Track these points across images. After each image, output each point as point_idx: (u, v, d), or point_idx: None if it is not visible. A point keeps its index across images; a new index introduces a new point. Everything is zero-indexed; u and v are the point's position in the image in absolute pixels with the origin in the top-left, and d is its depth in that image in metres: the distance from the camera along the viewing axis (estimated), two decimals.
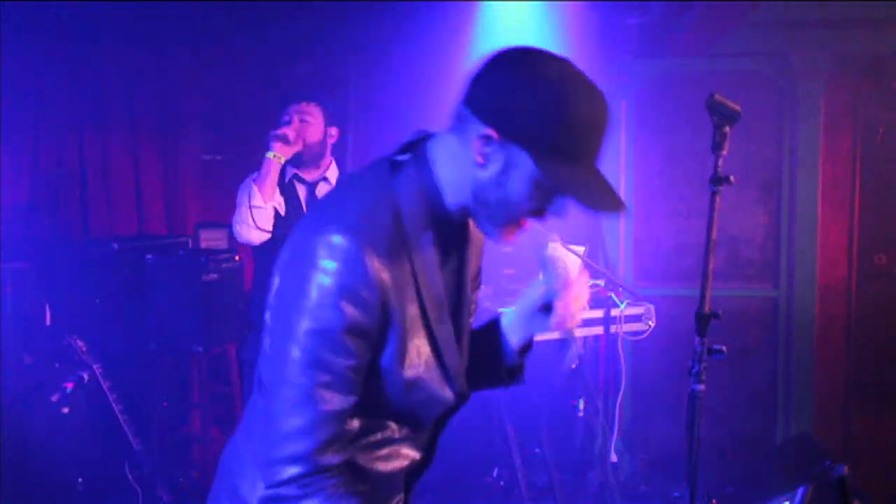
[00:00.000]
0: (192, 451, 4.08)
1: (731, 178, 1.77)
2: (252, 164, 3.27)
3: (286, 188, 3.21)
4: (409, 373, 1.28)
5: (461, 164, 1.28)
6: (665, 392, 4.53)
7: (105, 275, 4.04)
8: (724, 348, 1.75)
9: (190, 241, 4.57)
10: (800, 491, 2.92)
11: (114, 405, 3.57)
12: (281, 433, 1.22)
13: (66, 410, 3.56)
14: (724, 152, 1.78)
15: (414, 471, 1.43)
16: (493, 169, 1.24)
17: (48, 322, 4.08)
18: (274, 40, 4.92)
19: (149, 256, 3.87)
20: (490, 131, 1.22)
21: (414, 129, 1.40)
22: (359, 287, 1.19)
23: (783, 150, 4.56)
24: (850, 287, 4.56)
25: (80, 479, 3.69)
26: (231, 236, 4.31)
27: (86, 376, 3.57)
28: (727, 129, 1.77)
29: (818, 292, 4.52)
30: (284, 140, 3.09)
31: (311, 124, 3.20)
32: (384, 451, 1.36)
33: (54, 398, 3.54)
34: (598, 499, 3.91)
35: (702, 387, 1.76)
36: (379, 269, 1.20)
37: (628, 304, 3.73)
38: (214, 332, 3.83)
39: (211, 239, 4.62)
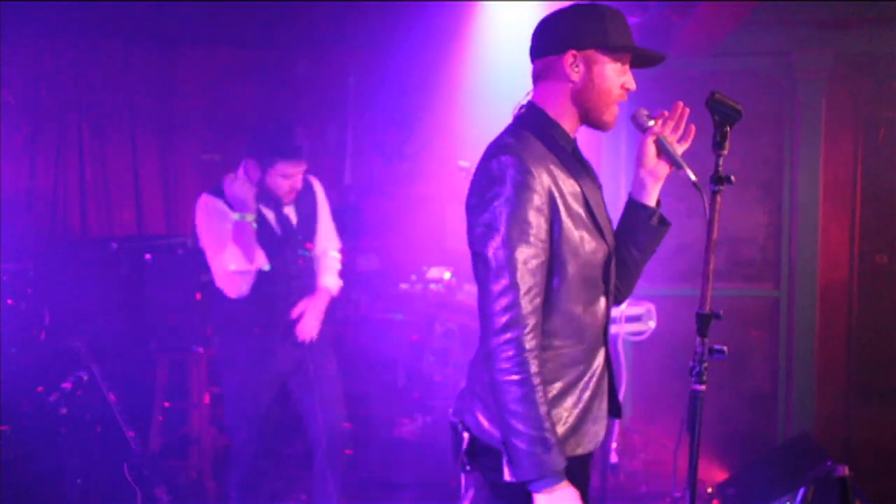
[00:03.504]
0: (192, 451, 4.07)
1: (732, 177, 1.76)
2: None
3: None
4: (576, 231, 1.75)
5: (560, 94, 1.82)
6: (665, 392, 4.52)
7: (104, 275, 4.04)
8: (724, 348, 1.74)
9: (189, 240, 4.56)
10: (801, 491, 2.92)
11: (113, 405, 3.56)
12: (494, 293, 1.67)
13: (64, 411, 3.55)
14: (725, 152, 1.77)
15: (606, 326, 1.88)
16: (581, 75, 1.79)
17: (48, 322, 4.07)
18: (274, 40, 4.92)
19: (148, 256, 3.87)
20: (569, 53, 1.78)
21: (516, 106, 1.89)
22: (527, 179, 1.68)
23: (784, 149, 4.56)
24: (851, 287, 4.56)
25: (79, 480, 3.69)
26: None
27: (85, 376, 3.56)
28: (728, 128, 1.76)
29: (819, 292, 4.52)
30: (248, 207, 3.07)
31: (300, 180, 3.16)
32: (593, 307, 1.81)
33: (53, 398, 3.53)
34: (598, 499, 3.90)
35: (702, 387, 1.75)
36: (535, 166, 1.70)
37: (628, 304, 3.73)
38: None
39: None
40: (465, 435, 1.84)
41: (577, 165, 1.84)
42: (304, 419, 3.31)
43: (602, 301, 1.85)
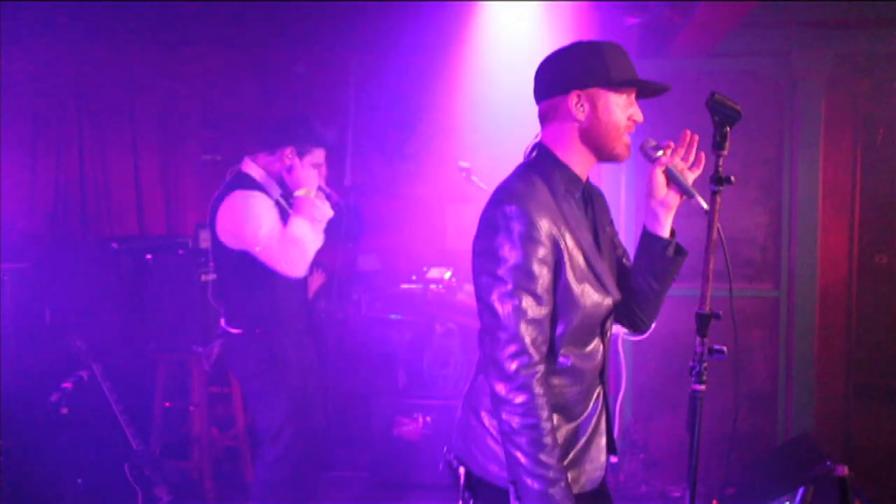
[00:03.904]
0: (192, 451, 4.07)
1: (732, 178, 1.76)
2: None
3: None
4: (579, 284, 1.78)
5: (567, 134, 1.84)
6: (665, 392, 4.53)
7: (105, 275, 4.04)
8: (724, 348, 1.75)
9: (190, 241, 4.57)
10: (800, 491, 2.92)
11: (114, 405, 3.57)
12: (501, 341, 1.71)
13: (65, 411, 3.56)
14: (725, 152, 1.77)
15: (604, 367, 1.92)
16: (587, 113, 1.80)
17: (48, 322, 4.08)
18: (274, 40, 4.92)
19: (148, 256, 3.87)
20: (573, 94, 1.79)
21: (527, 148, 1.92)
22: (531, 232, 1.71)
23: (783, 150, 4.56)
24: (851, 287, 4.56)
25: (79, 480, 3.69)
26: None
27: (86, 376, 3.57)
28: (728, 128, 1.76)
29: (819, 292, 4.52)
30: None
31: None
32: (588, 349, 1.85)
33: (54, 398, 3.54)
34: None
35: (702, 387, 1.75)
36: (540, 218, 1.72)
37: None
38: (214, 332, 3.83)
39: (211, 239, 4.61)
40: (462, 469, 1.90)
41: (582, 213, 1.86)
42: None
43: (599, 343, 1.89)
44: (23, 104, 4.61)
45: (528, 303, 1.71)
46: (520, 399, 1.69)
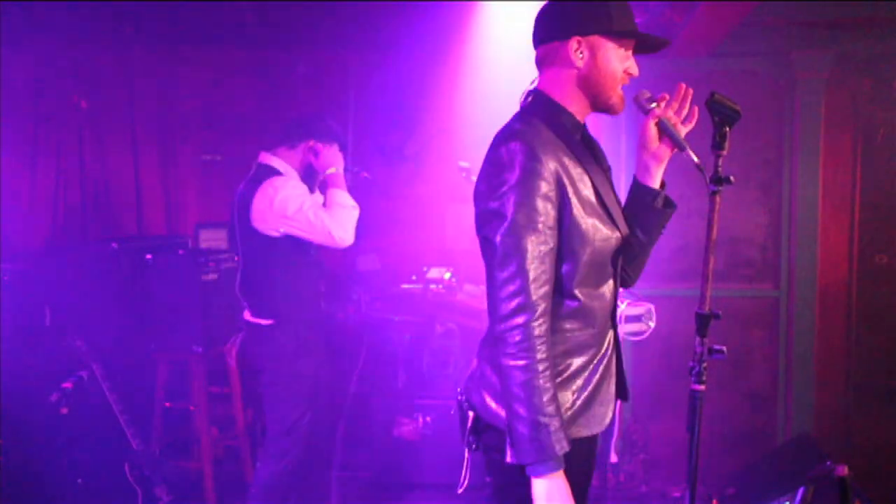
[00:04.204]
0: (192, 451, 4.07)
1: (731, 178, 1.76)
2: (251, 164, 3.29)
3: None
4: (587, 219, 1.76)
5: (564, 80, 1.83)
6: (665, 392, 4.53)
7: (105, 275, 4.04)
8: (724, 348, 1.75)
9: (190, 241, 4.57)
10: (800, 491, 2.93)
11: (114, 405, 3.57)
12: (501, 280, 1.69)
13: (65, 411, 3.56)
14: (724, 152, 1.78)
15: (614, 309, 1.91)
16: (586, 60, 1.80)
17: (48, 322, 4.08)
18: (274, 41, 4.92)
19: (148, 256, 3.87)
20: (573, 40, 1.79)
21: (522, 94, 1.91)
22: (536, 166, 1.69)
23: (783, 150, 4.56)
24: (851, 287, 4.56)
25: (79, 480, 3.69)
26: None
27: (86, 376, 3.57)
28: (727, 128, 1.77)
29: (819, 292, 4.52)
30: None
31: None
32: (600, 290, 1.83)
33: (54, 398, 3.54)
34: (598, 499, 3.90)
35: (702, 387, 1.75)
36: (544, 153, 1.71)
37: (628, 304, 3.73)
38: (214, 332, 3.83)
39: (211, 239, 4.62)
40: (471, 414, 1.87)
41: (585, 151, 1.85)
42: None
43: (610, 284, 1.87)
44: (23, 104, 4.61)
45: (531, 240, 1.68)
46: (515, 338, 1.67)
